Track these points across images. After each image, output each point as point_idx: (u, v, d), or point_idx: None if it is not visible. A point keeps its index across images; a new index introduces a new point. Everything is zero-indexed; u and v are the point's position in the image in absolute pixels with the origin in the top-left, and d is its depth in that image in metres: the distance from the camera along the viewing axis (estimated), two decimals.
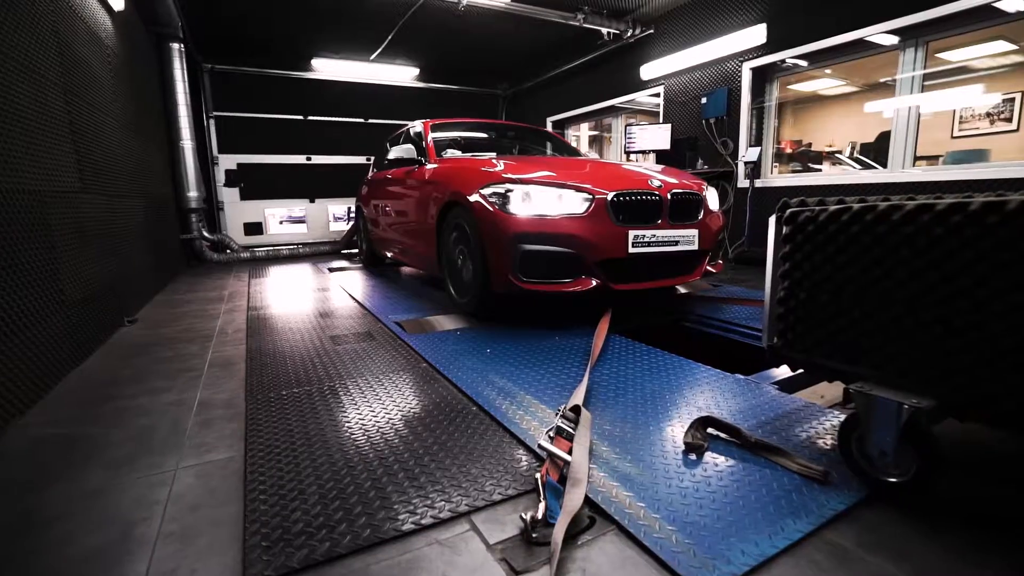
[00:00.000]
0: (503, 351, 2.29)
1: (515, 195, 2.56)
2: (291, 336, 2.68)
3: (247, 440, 1.50)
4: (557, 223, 2.50)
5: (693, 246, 2.81)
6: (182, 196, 5.63)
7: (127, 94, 3.86)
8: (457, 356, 2.24)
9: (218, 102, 6.73)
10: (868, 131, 6.80)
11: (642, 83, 6.15)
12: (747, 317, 2.82)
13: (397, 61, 7.51)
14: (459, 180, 2.93)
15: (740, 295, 3.44)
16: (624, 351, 2.26)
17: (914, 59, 4.03)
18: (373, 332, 2.73)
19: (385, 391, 1.86)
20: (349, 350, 2.40)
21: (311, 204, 7.55)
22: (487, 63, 7.98)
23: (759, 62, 4.81)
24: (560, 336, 2.51)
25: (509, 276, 2.55)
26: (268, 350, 2.44)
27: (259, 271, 5.44)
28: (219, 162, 6.82)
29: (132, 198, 3.71)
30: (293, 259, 6.62)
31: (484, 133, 4.38)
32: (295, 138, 7.27)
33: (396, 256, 4.33)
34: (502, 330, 2.64)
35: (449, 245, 3.10)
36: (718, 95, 5.15)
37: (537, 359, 2.17)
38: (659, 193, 2.69)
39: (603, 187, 2.58)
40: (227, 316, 3.26)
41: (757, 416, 1.58)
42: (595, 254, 2.52)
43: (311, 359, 2.27)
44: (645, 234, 2.62)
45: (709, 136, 5.32)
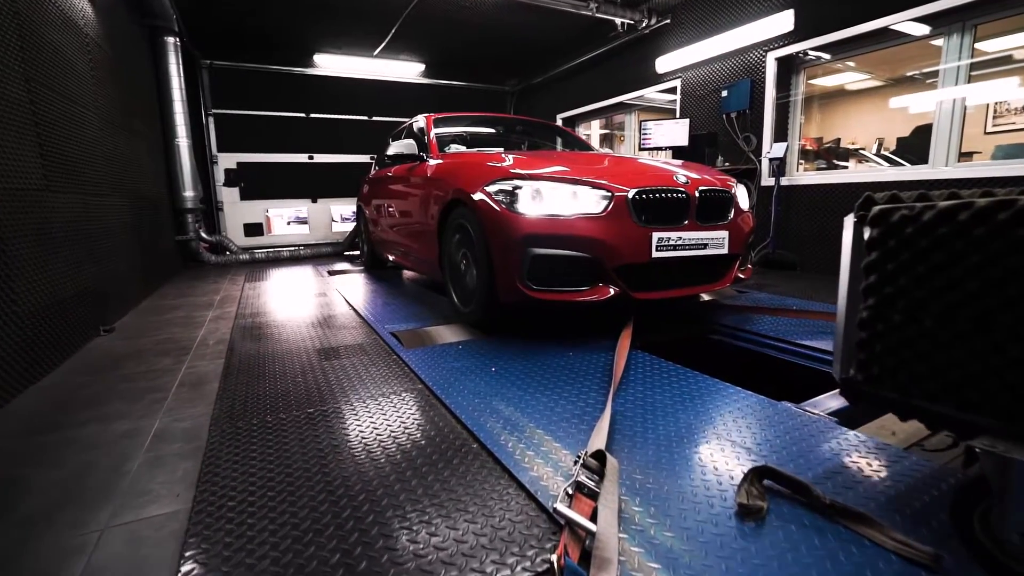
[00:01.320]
0: (510, 370, 2.01)
1: (524, 192, 2.29)
2: (276, 349, 2.42)
3: (199, 487, 1.24)
4: (571, 224, 2.22)
5: (723, 249, 2.52)
6: (177, 196, 5.42)
7: (112, 87, 3.63)
8: (457, 376, 1.96)
9: (217, 99, 6.52)
10: (894, 127, 6.45)
11: (657, 76, 5.85)
12: (783, 329, 2.51)
13: (402, 56, 7.26)
14: (462, 177, 2.66)
15: (771, 304, 3.12)
16: (650, 371, 1.96)
17: (960, 45, 3.69)
18: (367, 345, 2.47)
19: (371, 420, 1.59)
20: (337, 367, 2.14)
21: (313, 204, 7.33)
22: (495, 58, 7.72)
23: (785, 51, 4.49)
24: (575, 352, 2.22)
25: (517, 283, 2.27)
26: (247, 366, 2.18)
27: (256, 274, 5.21)
28: (218, 161, 6.62)
29: (115, 197, 3.48)
30: (294, 261, 6.39)
31: (491, 128, 4.11)
32: (297, 136, 7.06)
33: (397, 260, 4.07)
34: (509, 344, 2.36)
35: (452, 248, 2.83)
36: (740, 87, 4.84)
37: (549, 381, 1.89)
38: (686, 190, 2.39)
39: (623, 184, 2.30)
40: (212, 325, 3.01)
41: (822, 462, 1.28)
42: (614, 259, 2.23)
43: (293, 378, 2.01)
44: (670, 236, 2.32)
45: (730, 131, 5.01)
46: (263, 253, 6.33)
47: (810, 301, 3.17)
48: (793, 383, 2.29)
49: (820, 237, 4.40)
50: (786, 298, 3.31)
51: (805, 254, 4.52)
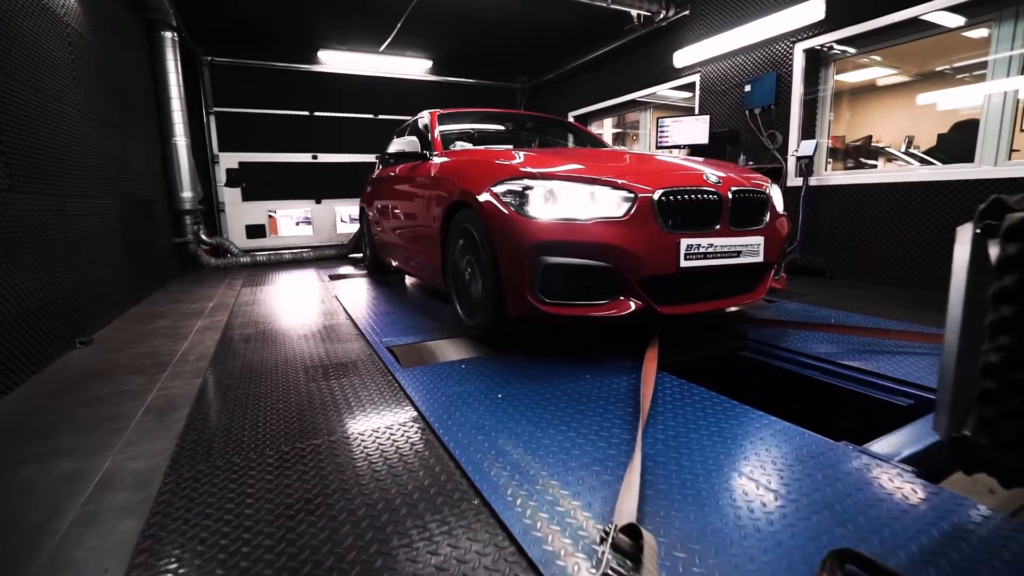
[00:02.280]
0: (519, 397, 1.76)
1: (535, 193, 2.03)
2: (260, 367, 2.19)
3: (133, 560, 1.00)
4: (589, 229, 1.96)
5: (758, 257, 2.25)
6: (175, 197, 5.23)
7: (98, 82, 3.44)
8: (459, 404, 1.71)
9: (218, 97, 6.34)
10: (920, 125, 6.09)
11: (675, 71, 5.56)
12: (824, 348, 2.23)
13: (409, 53, 7.05)
14: (467, 176, 2.41)
15: (808, 317, 2.84)
16: (681, 401, 1.70)
17: (1012, 34, 3.37)
18: (361, 362, 2.23)
19: (354, 464, 1.35)
20: (324, 390, 1.90)
21: (317, 205, 7.13)
22: (505, 54, 7.47)
23: (815, 42, 4.19)
24: (593, 375, 1.96)
25: (527, 296, 2.01)
26: (225, 388, 1.95)
27: (255, 278, 5.01)
28: (219, 161, 6.44)
29: (101, 199, 3.28)
30: (296, 264, 6.19)
31: (500, 125, 3.86)
32: (300, 135, 6.86)
33: (400, 265, 3.83)
34: (518, 363, 2.11)
35: (455, 255, 2.58)
36: (764, 82, 4.54)
37: (564, 412, 1.63)
38: (718, 191, 2.12)
39: (647, 184, 2.03)
40: (198, 336, 2.79)
41: (912, 536, 1.01)
42: (637, 269, 1.97)
43: (274, 403, 1.77)
44: (701, 243, 2.06)
45: (753, 128, 4.71)
46: (265, 256, 6.14)
47: (850, 314, 2.88)
48: (839, 411, 2.01)
49: (851, 242, 4.09)
50: (819, 309, 3.02)
51: (835, 259, 4.21)
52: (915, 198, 3.69)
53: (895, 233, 3.80)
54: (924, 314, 2.89)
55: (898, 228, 3.78)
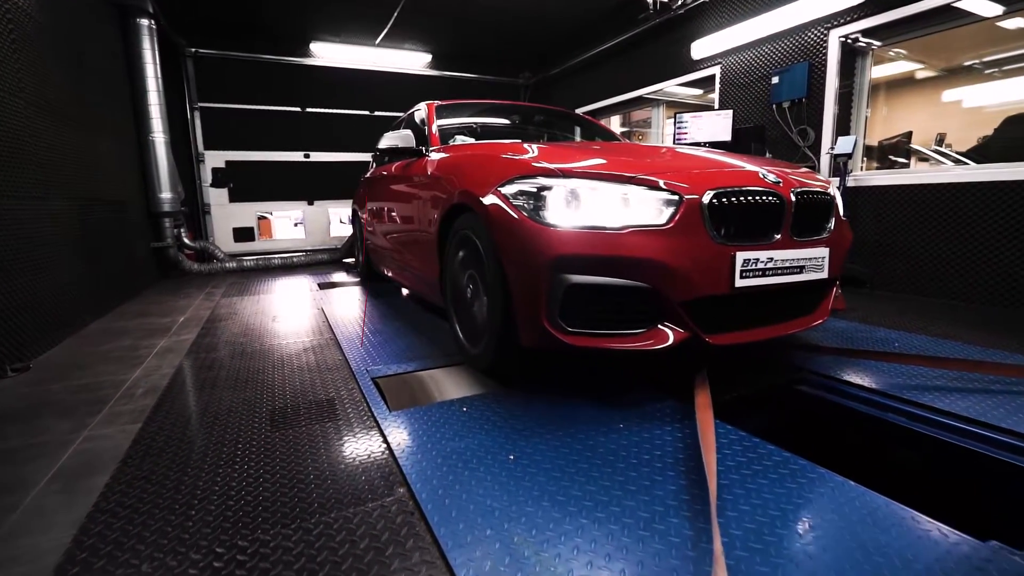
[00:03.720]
0: (535, 458, 1.36)
1: (555, 195, 1.63)
2: (218, 407, 1.79)
3: None
4: (622, 240, 1.56)
5: (822, 273, 1.85)
6: (153, 198, 4.84)
7: (53, 70, 3.05)
8: (459, 469, 1.31)
9: (204, 91, 5.95)
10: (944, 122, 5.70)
11: (692, 64, 5.16)
12: (902, 382, 1.83)
13: (406, 46, 6.66)
14: (469, 174, 2.02)
15: (865, 341, 2.44)
16: (750, 468, 1.30)
17: None
18: (339, 401, 1.83)
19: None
20: (290, 443, 1.50)
21: (310, 207, 6.73)
22: (508, 47, 7.09)
23: (854, 28, 3.79)
24: (627, 423, 1.56)
25: (544, 322, 1.62)
26: (165, 439, 1.55)
27: (238, 287, 4.61)
28: (205, 159, 6.05)
29: (55, 200, 2.89)
30: (286, 270, 5.80)
31: (505, 118, 3.46)
32: (292, 133, 6.47)
33: (393, 275, 3.44)
34: (531, 405, 1.71)
35: (455, 268, 2.19)
36: (795, 73, 4.14)
37: (597, 484, 1.23)
38: (779, 192, 1.72)
39: (693, 183, 1.63)
40: (155, 361, 2.40)
41: None
42: (683, 290, 1.57)
43: (221, 467, 1.37)
44: (759, 257, 1.66)
45: (781, 124, 4.31)
46: (252, 261, 5.74)
47: (913, 335, 2.48)
48: (938, 472, 1.61)
49: (894, 248, 3.68)
50: (873, 328, 2.62)
51: (876, 268, 3.81)
52: (969, 200, 3.29)
53: (946, 240, 3.40)
54: (1001, 337, 2.48)
55: (950, 234, 3.38)
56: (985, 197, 3.22)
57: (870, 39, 3.87)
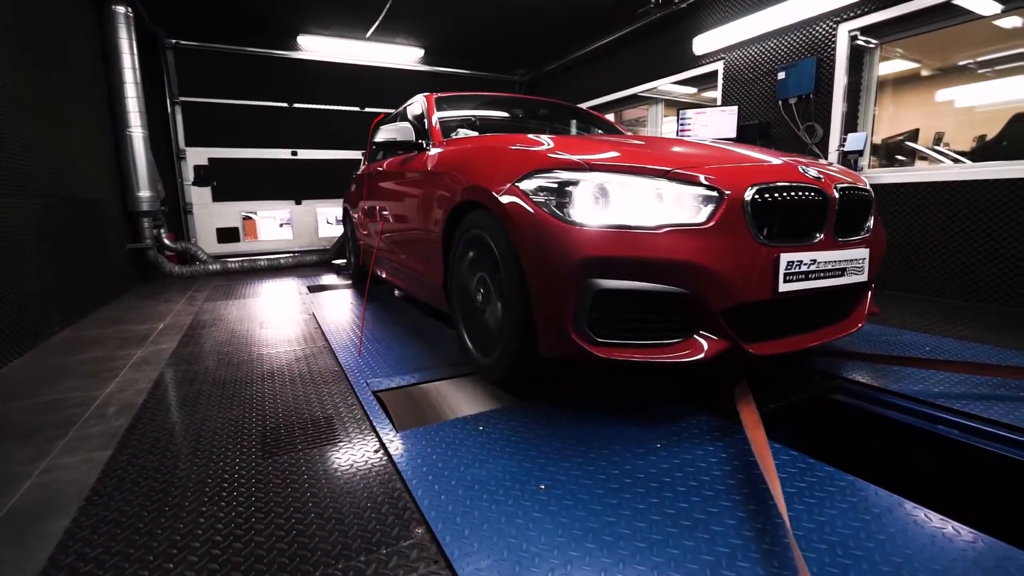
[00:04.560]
0: (570, 487, 1.19)
1: (582, 190, 1.47)
2: (200, 429, 1.60)
3: None
4: (658, 241, 1.40)
5: (862, 275, 1.72)
6: (131, 197, 4.57)
7: (12, 57, 2.80)
8: (485, 505, 1.14)
9: (185, 85, 5.68)
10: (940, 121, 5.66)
11: (694, 59, 5.04)
12: (946, 391, 1.70)
13: (398, 40, 6.45)
14: (480, 168, 1.84)
15: (894, 346, 2.31)
16: (814, 493, 1.14)
17: None
18: (338, 420, 1.64)
19: None
20: (284, 473, 1.31)
21: (297, 206, 6.48)
22: (502, 42, 6.91)
23: (864, 22, 3.69)
24: (666, 443, 1.40)
25: (571, 332, 1.45)
26: (139, 469, 1.35)
27: (223, 290, 4.38)
28: (186, 156, 5.77)
29: (16, 198, 2.65)
30: (273, 272, 5.55)
31: (506, 111, 3.29)
32: (278, 129, 6.21)
33: (389, 277, 3.24)
34: (554, 422, 1.54)
35: (462, 271, 2.01)
36: (802, 68, 4.03)
37: (644, 519, 1.07)
38: (822, 189, 1.58)
39: (732, 178, 1.48)
40: (131, 374, 2.18)
41: None
42: (723, 296, 1.42)
43: (206, 503, 1.18)
44: (803, 259, 1.51)
45: (787, 120, 4.21)
46: (237, 263, 5.49)
47: (942, 339, 2.36)
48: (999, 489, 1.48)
49: (904, 248, 3.59)
50: (900, 332, 2.50)
51: (886, 268, 3.71)
52: (981, 198, 3.20)
53: (956, 238, 3.31)
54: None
55: (960, 232, 3.29)
56: (996, 194, 3.13)
57: (869, 37, 3.79)
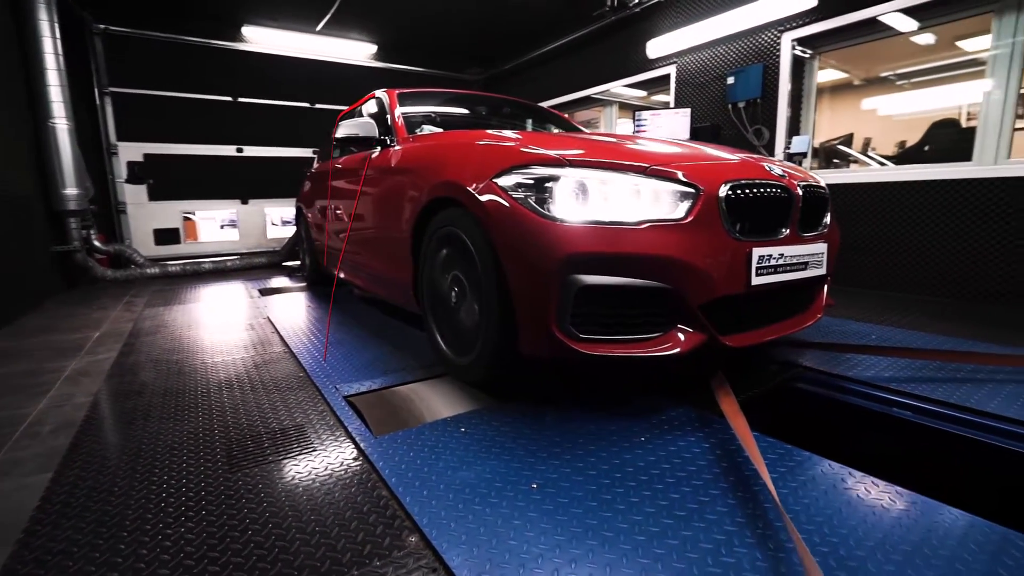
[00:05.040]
0: (562, 484, 1.18)
1: (563, 186, 1.46)
2: (156, 444, 1.47)
3: None
4: (640, 236, 1.41)
5: (822, 269, 1.81)
6: (55, 194, 4.17)
7: None
8: (478, 508, 1.10)
9: (116, 75, 5.25)
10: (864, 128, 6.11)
11: (648, 62, 5.18)
12: (898, 375, 1.82)
13: (350, 35, 6.26)
14: (454, 163, 1.80)
15: (849, 336, 2.46)
16: (796, 476, 1.18)
17: (1015, 26, 3.21)
18: (310, 427, 1.55)
19: None
20: (257, 488, 1.22)
21: (243, 206, 6.15)
22: (458, 41, 6.85)
23: (806, 32, 3.92)
24: (649, 436, 1.42)
25: (554, 329, 1.44)
26: (91, 494, 1.22)
27: (164, 295, 4.08)
28: (118, 151, 5.34)
29: None
30: (218, 275, 5.23)
31: (468, 109, 3.24)
32: (222, 124, 5.87)
33: (349, 278, 3.13)
34: (539, 422, 1.53)
35: (434, 271, 1.96)
36: (750, 74, 4.23)
37: (639, 510, 1.07)
38: (787, 187, 1.66)
39: (707, 175, 1.52)
40: (66, 388, 1.98)
41: None
42: (701, 290, 1.45)
43: (172, 526, 1.08)
44: (772, 253, 1.58)
45: (737, 123, 4.40)
46: (179, 266, 5.14)
47: (893, 329, 2.53)
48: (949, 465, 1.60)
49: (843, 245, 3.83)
50: (848, 322, 2.67)
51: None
52: (909, 198, 3.48)
53: (890, 235, 3.58)
54: (964, 327, 2.60)
55: (893, 230, 3.56)
56: (922, 195, 3.42)
57: (808, 47, 4.04)
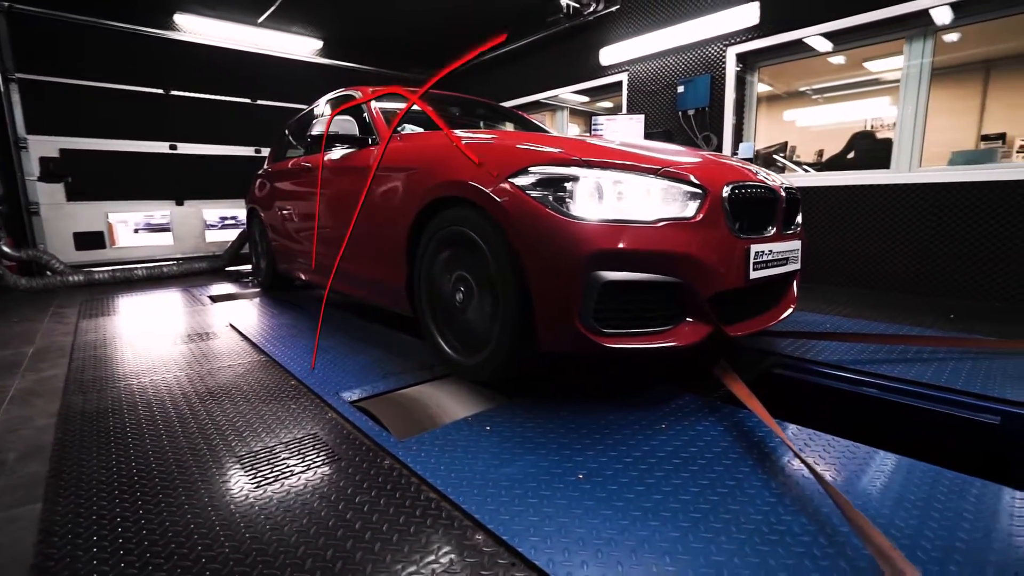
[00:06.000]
0: (604, 472, 1.23)
1: (583, 186, 1.51)
2: (152, 465, 1.35)
3: None
4: (656, 234, 1.49)
5: (797, 264, 1.99)
6: None
7: None
8: (528, 498, 1.12)
9: (24, 60, 4.68)
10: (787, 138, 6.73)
11: (600, 69, 5.38)
12: (858, 358, 2.04)
13: (295, 29, 5.98)
14: (463, 162, 1.79)
15: (805, 324, 2.70)
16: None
17: (922, 49, 3.67)
18: (324, 435, 1.49)
19: None
20: (289, 501, 1.16)
21: (178, 207, 5.69)
22: (408, 40, 6.74)
23: (749, 47, 4.25)
24: (668, 423, 1.50)
25: (576, 324, 1.48)
26: (99, 520, 1.10)
27: (98, 305, 3.69)
28: (28, 146, 4.76)
29: None
30: (154, 283, 4.80)
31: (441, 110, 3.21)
32: (153, 119, 5.40)
33: (312, 279, 2.99)
34: (559, 416, 1.56)
35: (435, 271, 1.94)
36: (699, 83, 4.52)
37: (686, 490, 1.13)
38: (774, 188, 1.81)
39: (711, 177, 1.63)
40: (16, 410, 1.76)
41: None
42: (710, 284, 1.55)
43: (212, 548, 1.01)
44: (765, 250, 1.72)
45: (687, 130, 4.68)
46: (107, 273, 4.66)
47: (845, 319, 2.81)
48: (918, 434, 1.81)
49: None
50: (804, 314, 2.93)
51: None
52: (837, 201, 3.88)
53: (820, 234, 3.96)
54: (895, 313, 2.93)
55: (823, 229, 3.95)
56: (848, 198, 3.82)
57: (749, 61, 4.40)
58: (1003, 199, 3.22)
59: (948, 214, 3.45)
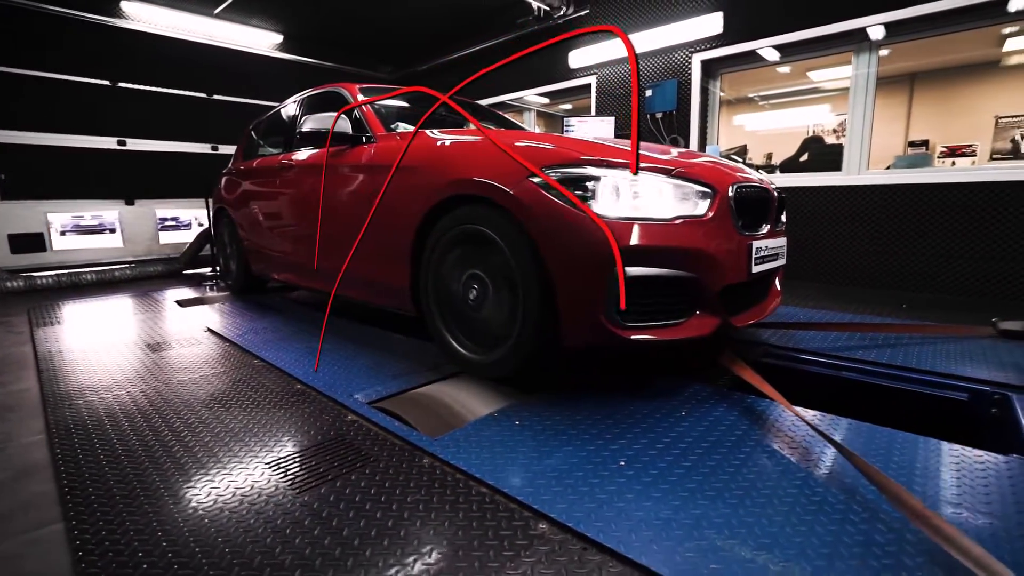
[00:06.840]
0: (642, 458, 1.28)
1: (604, 185, 1.56)
2: (175, 477, 1.28)
3: None
4: (673, 231, 1.56)
5: (784, 260, 2.13)
6: None
7: None
8: (578, 486, 1.16)
9: None
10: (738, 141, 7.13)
11: (570, 72, 5.49)
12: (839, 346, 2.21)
13: (253, 21, 5.75)
14: (478, 161, 1.80)
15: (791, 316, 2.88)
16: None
17: (868, 61, 3.99)
18: (351, 437, 1.47)
19: None
20: (337, 505, 1.14)
21: (128, 207, 5.33)
22: (372, 36, 6.61)
23: (713, 54, 4.47)
24: (685, 411, 1.58)
25: (601, 319, 1.53)
26: (138, 536, 1.05)
27: (49, 312, 3.40)
28: None
29: None
30: (106, 288, 4.48)
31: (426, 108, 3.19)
32: (99, 112, 5.03)
33: (296, 281, 2.90)
34: (581, 409, 1.61)
35: (444, 270, 1.94)
36: (666, 88, 4.70)
37: (724, 471, 1.21)
38: (767, 188, 1.94)
39: (717, 178, 1.73)
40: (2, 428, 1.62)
41: None
42: (719, 278, 1.65)
43: (273, 568, 0.98)
44: (762, 246, 1.83)
45: (655, 132, 4.86)
46: (51, 278, 4.30)
47: (824, 312, 3.02)
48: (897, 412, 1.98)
49: None
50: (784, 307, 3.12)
51: None
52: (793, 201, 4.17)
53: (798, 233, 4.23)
54: (855, 305, 3.18)
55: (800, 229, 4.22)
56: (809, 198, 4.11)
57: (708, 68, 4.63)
58: (942, 200, 3.56)
59: (895, 213, 3.77)
